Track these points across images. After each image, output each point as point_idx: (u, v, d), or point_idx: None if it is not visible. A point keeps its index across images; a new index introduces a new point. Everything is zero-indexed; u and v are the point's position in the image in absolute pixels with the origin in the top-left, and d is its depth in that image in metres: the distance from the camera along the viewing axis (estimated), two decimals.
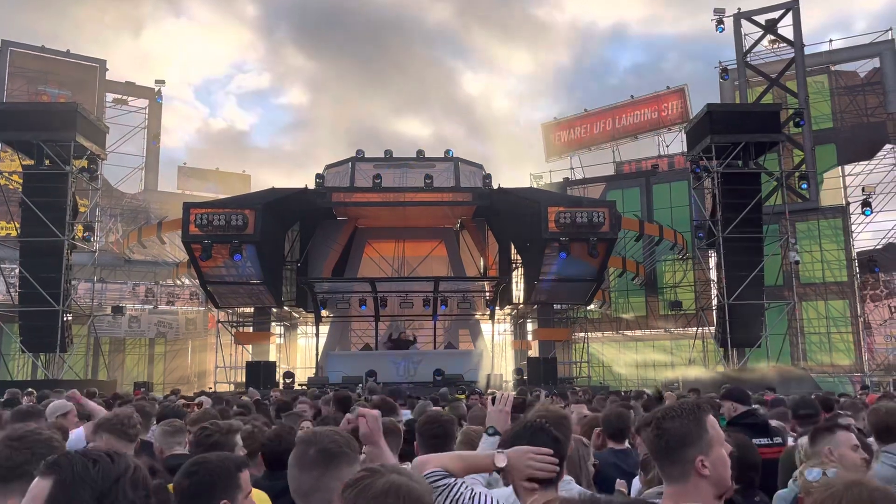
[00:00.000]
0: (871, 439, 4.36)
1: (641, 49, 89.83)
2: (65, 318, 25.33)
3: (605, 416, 5.12)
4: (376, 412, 2.77)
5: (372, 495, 1.64)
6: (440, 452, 3.07)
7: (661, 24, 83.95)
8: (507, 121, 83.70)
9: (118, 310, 32.26)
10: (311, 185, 27.59)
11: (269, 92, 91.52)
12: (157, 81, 40.97)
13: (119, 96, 39.63)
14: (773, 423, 6.12)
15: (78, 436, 4.81)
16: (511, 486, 2.72)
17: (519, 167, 75.72)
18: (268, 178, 76.12)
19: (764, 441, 5.41)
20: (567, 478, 3.11)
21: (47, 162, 25.20)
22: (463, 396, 10.91)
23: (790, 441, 5.23)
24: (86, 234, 26.63)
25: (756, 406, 6.79)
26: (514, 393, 3.79)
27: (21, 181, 26.38)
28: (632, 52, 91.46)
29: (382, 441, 2.70)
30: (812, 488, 2.98)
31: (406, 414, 6.71)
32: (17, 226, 26.13)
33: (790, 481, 3.74)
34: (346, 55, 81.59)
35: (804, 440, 4.39)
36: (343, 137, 79.70)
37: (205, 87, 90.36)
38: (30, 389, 14.57)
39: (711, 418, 2.22)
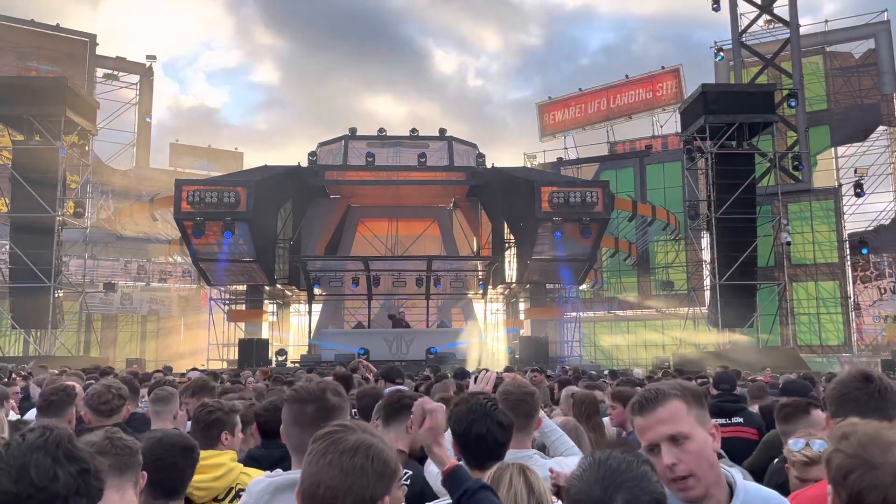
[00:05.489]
0: None
1: (611, 30, 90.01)
2: (56, 295, 25.26)
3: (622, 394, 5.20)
4: (443, 406, 2.53)
5: (342, 449, 1.62)
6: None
7: (630, 5, 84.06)
8: (481, 100, 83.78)
9: (110, 286, 32.14)
10: (302, 163, 27.51)
11: (238, 70, 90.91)
12: (148, 57, 40.59)
13: (110, 71, 39.16)
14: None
15: None
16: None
17: (494, 146, 75.47)
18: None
19: (722, 420, 5.54)
20: (528, 452, 3.09)
21: (37, 137, 24.99)
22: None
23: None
24: (77, 210, 26.48)
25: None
26: (495, 372, 3.76)
27: (10, 156, 26.17)
28: (601, 34, 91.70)
29: (443, 439, 2.43)
30: (795, 458, 3.00)
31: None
32: (7, 202, 25.95)
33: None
34: (316, 33, 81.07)
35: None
36: (316, 116, 79.45)
37: (171, 63, 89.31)
38: (23, 366, 14.58)
39: None
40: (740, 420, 5.64)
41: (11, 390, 7.22)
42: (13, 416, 6.14)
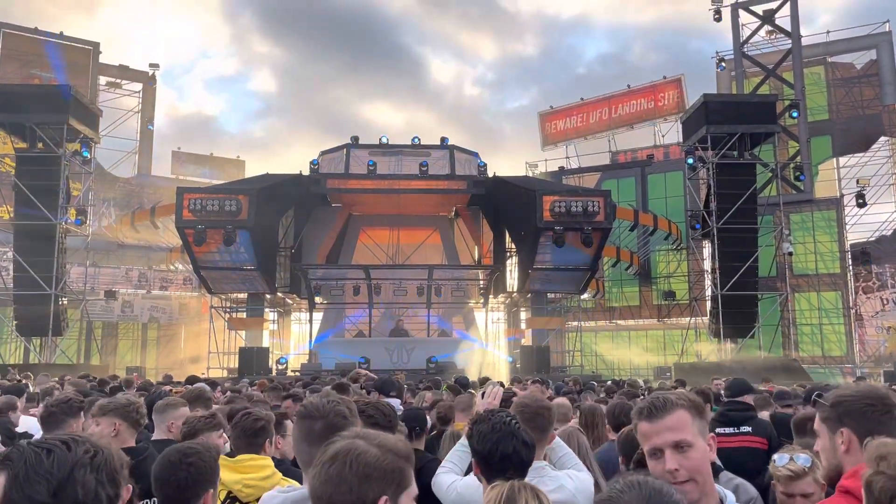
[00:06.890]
0: None
1: (607, 39, 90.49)
2: (61, 302, 25.25)
3: (609, 409, 5.17)
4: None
5: (323, 460, 1.62)
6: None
7: (626, 14, 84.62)
8: (478, 109, 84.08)
9: (111, 294, 32.17)
10: (303, 171, 27.60)
11: (236, 78, 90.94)
12: (151, 65, 40.74)
13: (112, 79, 39.29)
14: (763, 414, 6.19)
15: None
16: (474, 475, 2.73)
17: (493, 154, 75.21)
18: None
19: (729, 430, 5.48)
20: (541, 463, 3.10)
21: (40, 145, 25.01)
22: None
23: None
24: (78, 217, 26.50)
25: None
26: (501, 387, 3.77)
27: (13, 164, 26.19)
28: (597, 43, 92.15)
29: None
30: (780, 473, 2.98)
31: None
32: (10, 209, 25.97)
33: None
34: (312, 42, 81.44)
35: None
36: (314, 124, 79.62)
37: (168, 71, 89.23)
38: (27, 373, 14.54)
39: None
40: (748, 429, 5.55)
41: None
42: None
